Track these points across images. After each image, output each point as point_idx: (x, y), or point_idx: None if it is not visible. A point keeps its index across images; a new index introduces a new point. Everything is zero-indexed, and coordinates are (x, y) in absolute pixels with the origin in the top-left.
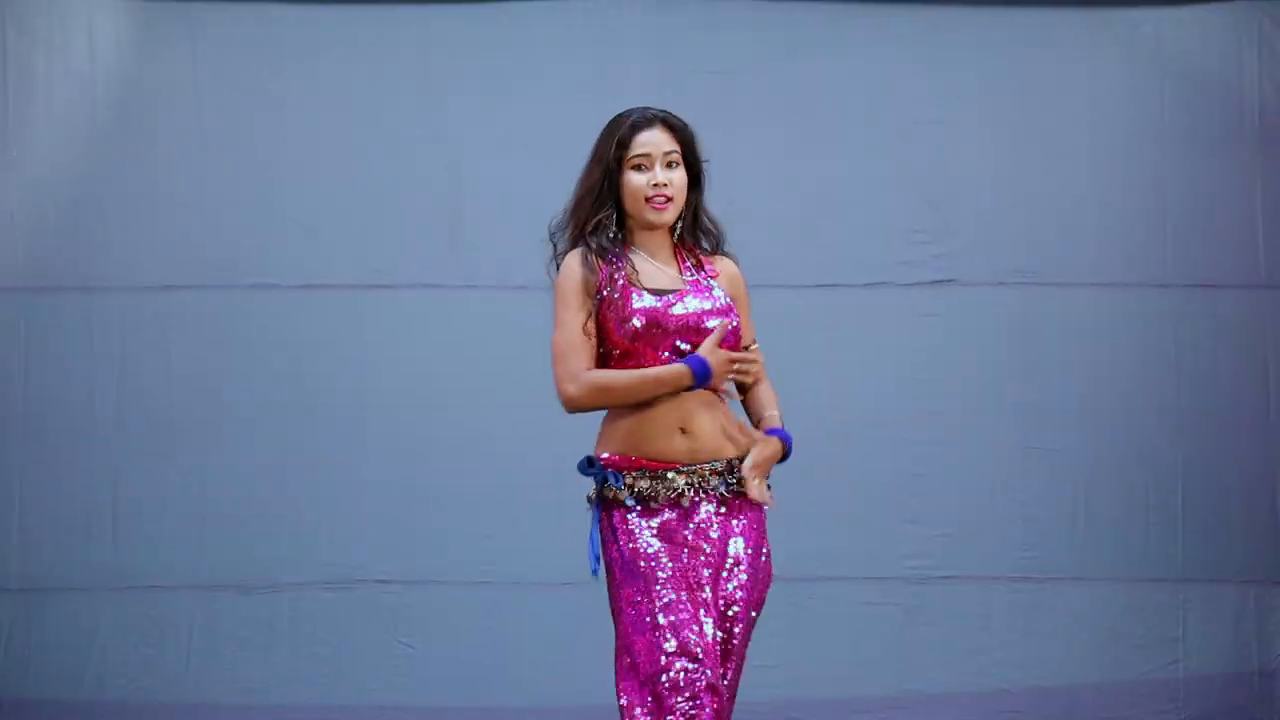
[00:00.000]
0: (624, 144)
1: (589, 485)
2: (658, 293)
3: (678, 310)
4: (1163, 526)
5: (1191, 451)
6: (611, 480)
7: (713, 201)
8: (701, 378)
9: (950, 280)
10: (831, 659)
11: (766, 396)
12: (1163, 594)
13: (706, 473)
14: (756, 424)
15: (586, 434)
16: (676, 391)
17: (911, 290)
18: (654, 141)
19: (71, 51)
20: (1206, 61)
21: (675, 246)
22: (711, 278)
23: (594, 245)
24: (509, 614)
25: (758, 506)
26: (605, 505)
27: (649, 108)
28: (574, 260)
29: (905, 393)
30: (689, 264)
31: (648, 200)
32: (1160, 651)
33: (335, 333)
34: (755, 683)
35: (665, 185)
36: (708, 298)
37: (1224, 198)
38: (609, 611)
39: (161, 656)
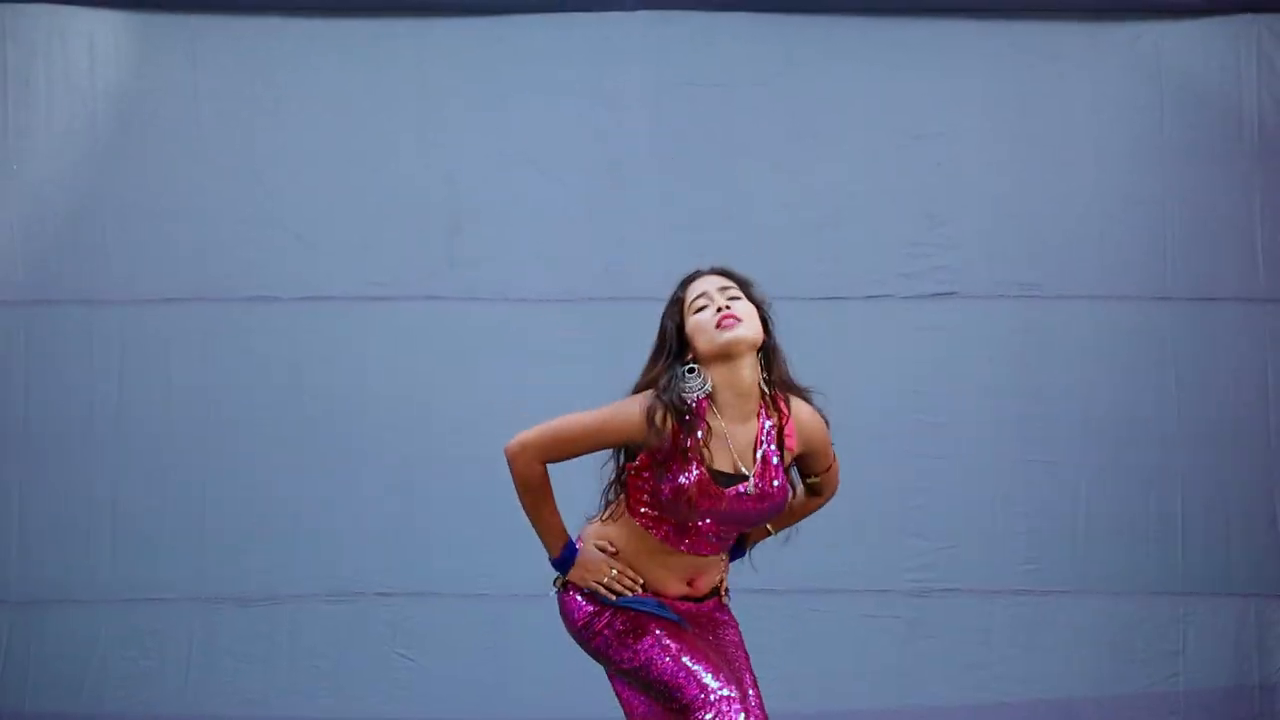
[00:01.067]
0: (681, 298)
1: (584, 497)
2: (721, 477)
3: (725, 507)
4: (1163, 540)
5: (1192, 465)
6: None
7: (713, 216)
8: (557, 565)
9: (952, 293)
10: (832, 671)
11: (809, 508)
12: (1163, 607)
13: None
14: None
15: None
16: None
17: (913, 303)
18: (709, 283)
19: (71, 65)
20: (1206, 75)
21: (760, 400)
22: (787, 438)
23: (671, 401)
24: (508, 627)
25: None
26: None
27: (699, 268)
28: (644, 411)
29: (907, 405)
30: (769, 426)
31: (717, 326)
32: (1161, 665)
33: (334, 345)
34: None
35: (728, 307)
36: (764, 492)
37: (1223, 211)
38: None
39: (161, 669)
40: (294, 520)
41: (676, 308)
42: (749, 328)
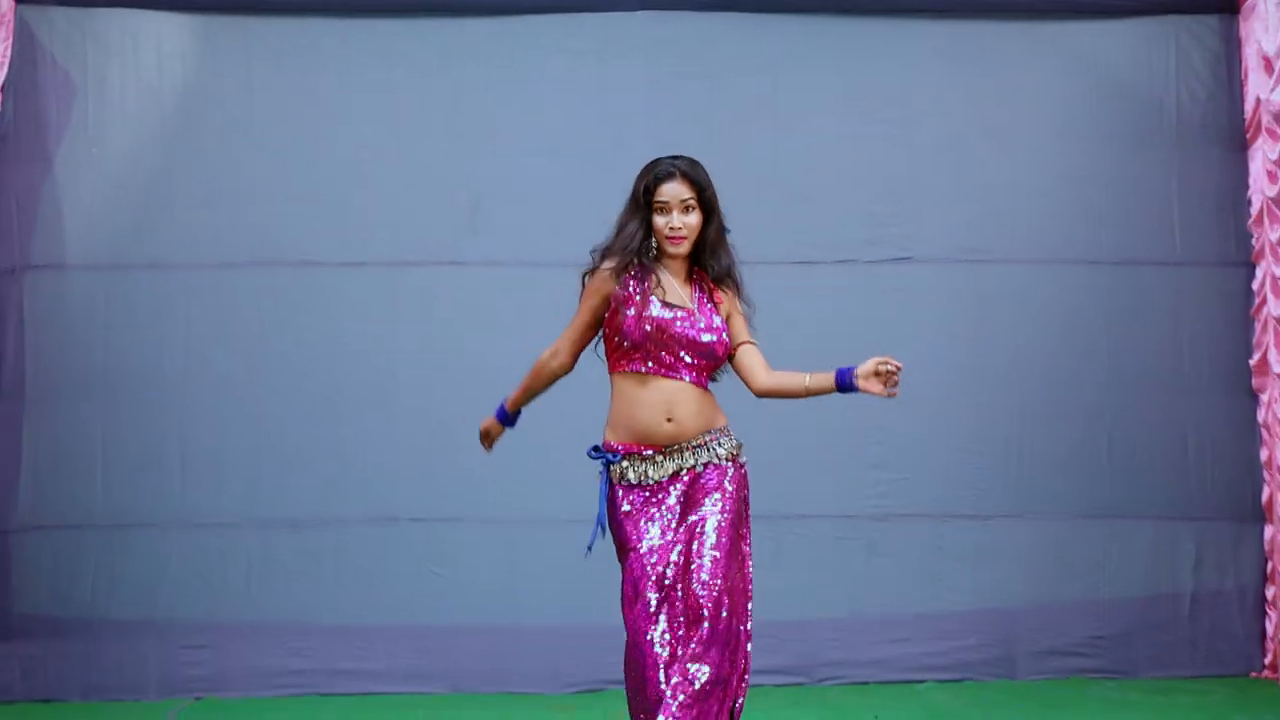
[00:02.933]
0: (650, 190)
1: (589, 434)
2: (670, 306)
3: (679, 327)
4: (1091, 471)
5: (1116, 406)
6: (612, 460)
7: None
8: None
9: (909, 258)
10: (805, 585)
11: (785, 375)
12: (1091, 529)
13: (685, 451)
14: (802, 387)
15: (590, 396)
16: (668, 382)
17: (875, 266)
18: (673, 191)
19: (142, 63)
20: (1131, 69)
21: (694, 271)
22: (716, 303)
23: (633, 259)
24: (524, 547)
25: (723, 467)
26: (610, 480)
27: (676, 160)
28: (605, 268)
29: (869, 355)
30: (701, 288)
31: (667, 238)
32: (1088, 578)
33: (370, 303)
34: None
35: (680, 228)
36: (706, 325)
37: (1145, 187)
38: (614, 551)
39: (224, 582)
40: (338, 455)
41: (648, 196)
42: (686, 245)
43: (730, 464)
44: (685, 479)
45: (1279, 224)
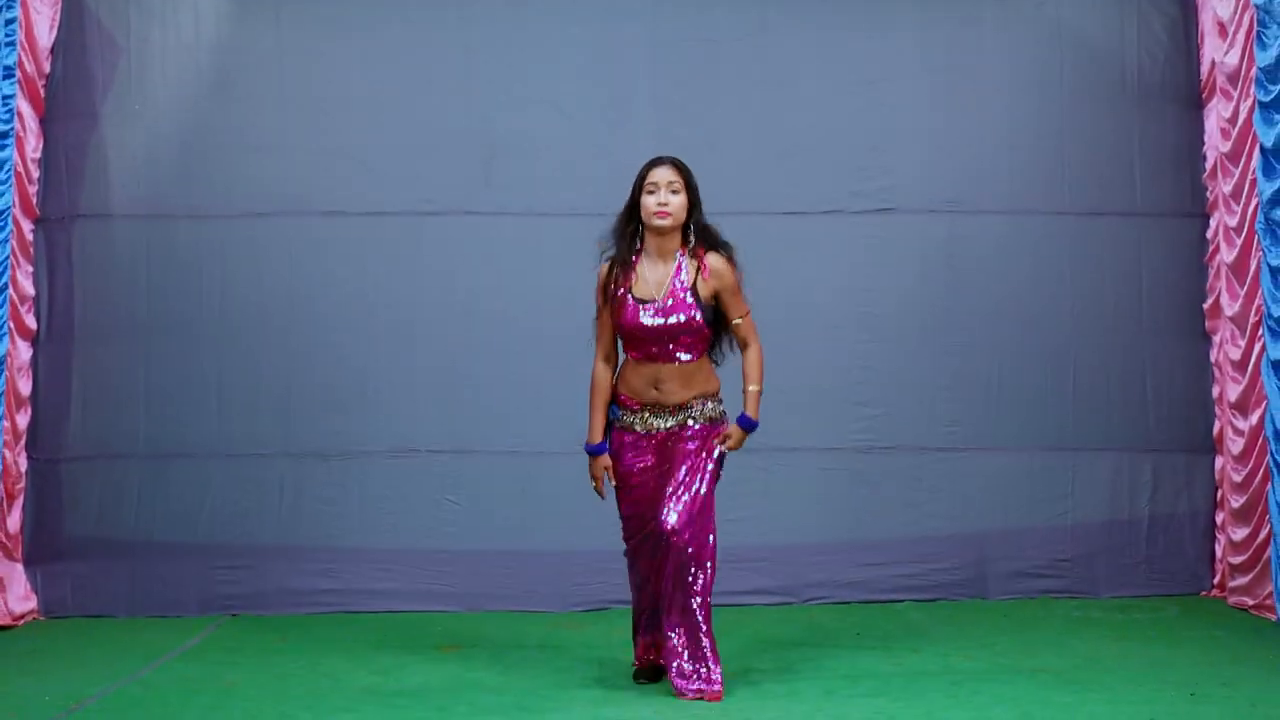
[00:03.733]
0: (642, 178)
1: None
2: (642, 302)
3: (649, 321)
4: (1058, 407)
5: (1081, 346)
6: (613, 411)
7: (700, 147)
8: (588, 449)
9: (891, 209)
10: (794, 513)
11: (752, 368)
12: (1056, 460)
13: (664, 412)
14: (744, 391)
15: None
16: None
17: (859, 217)
18: (661, 175)
19: (180, 25)
20: (1096, 34)
21: (683, 249)
22: (702, 278)
23: (618, 256)
24: (535, 477)
25: (697, 426)
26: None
27: (664, 155)
28: (603, 268)
29: (855, 299)
30: (685, 268)
31: (654, 213)
32: (1054, 505)
33: (392, 251)
34: (731, 533)
35: (666, 203)
36: (681, 309)
37: (1109, 142)
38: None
39: (258, 509)
40: (362, 392)
41: (639, 184)
42: (674, 220)
43: (705, 424)
44: (658, 439)
45: (1231, 177)
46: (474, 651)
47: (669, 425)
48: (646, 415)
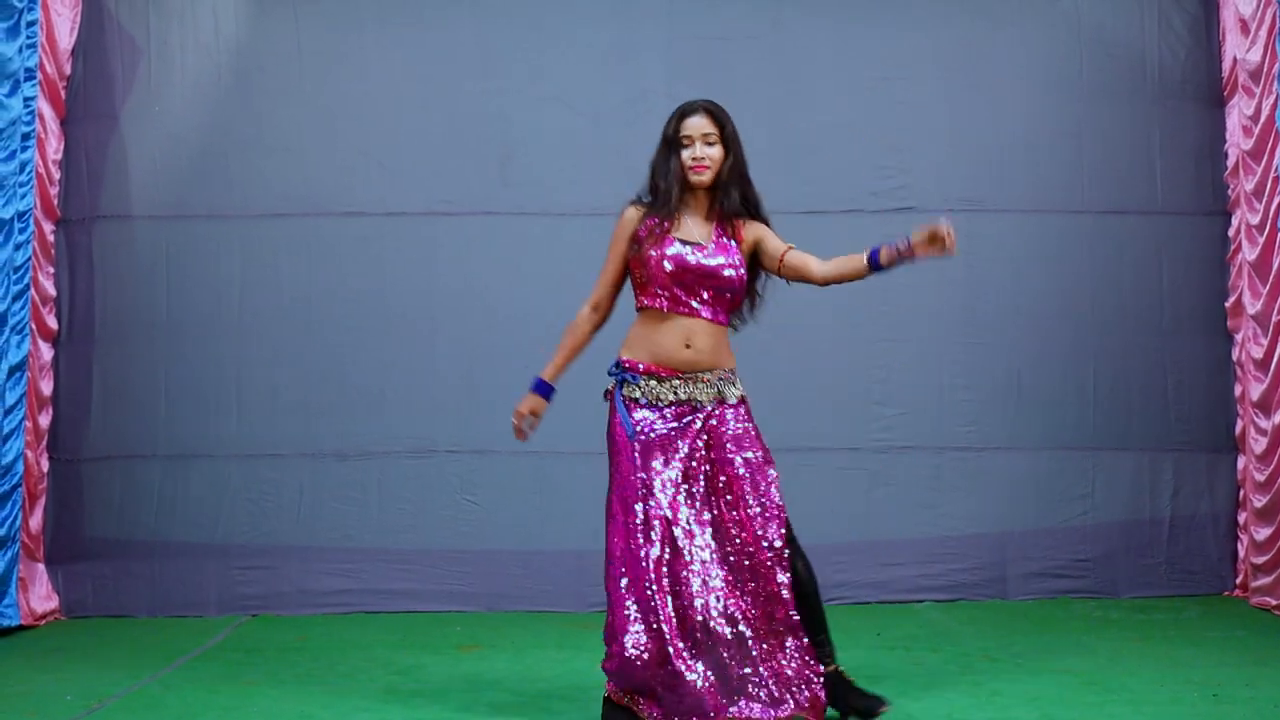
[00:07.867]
0: (675, 128)
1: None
2: (687, 243)
3: (694, 260)
4: (1078, 406)
5: (1101, 346)
6: (630, 379)
7: None
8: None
9: (910, 208)
10: (814, 513)
11: (839, 260)
12: (1077, 459)
13: (700, 381)
14: (864, 266)
15: (615, 336)
16: (688, 316)
17: (879, 216)
18: (696, 125)
19: (200, 27)
20: (1115, 30)
21: (718, 213)
22: (739, 239)
23: (656, 201)
24: (553, 477)
25: (735, 404)
26: (622, 395)
27: (697, 100)
28: (628, 212)
29: (874, 299)
30: (723, 226)
31: (690, 168)
32: (1075, 505)
33: (410, 251)
34: None
35: (702, 158)
36: (725, 260)
37: (1129, 141)
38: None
39: (277, 509)
40: (381, 392)
41: (673, 134)
42: (709, 175)
43: (741, 404)
44: (698, 424)
45: (1253, 175)
46: (493, 651)
47: (701, 400)
48: (675, 383)
